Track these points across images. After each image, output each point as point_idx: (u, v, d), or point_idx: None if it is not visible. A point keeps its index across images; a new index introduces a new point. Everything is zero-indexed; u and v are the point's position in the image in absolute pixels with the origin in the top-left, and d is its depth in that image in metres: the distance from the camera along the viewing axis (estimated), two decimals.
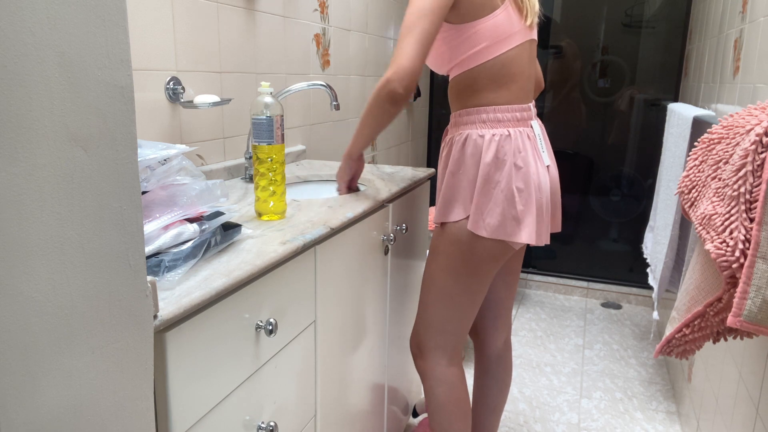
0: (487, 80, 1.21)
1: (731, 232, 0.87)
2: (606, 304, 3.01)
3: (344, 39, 2.16)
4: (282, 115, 1.09)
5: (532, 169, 1.21)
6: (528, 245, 1.29)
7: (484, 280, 1.29)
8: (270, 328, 0.90)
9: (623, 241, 3.18)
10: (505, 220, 1.20)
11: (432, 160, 3.31)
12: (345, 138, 2.27)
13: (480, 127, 1.22)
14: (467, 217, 1.23)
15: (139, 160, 0.71)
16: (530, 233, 1.21)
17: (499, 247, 1.24)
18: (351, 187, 1.41)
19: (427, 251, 1.88)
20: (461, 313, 1.32)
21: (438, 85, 3.24)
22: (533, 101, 1.30)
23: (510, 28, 1.18)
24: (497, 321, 1.51)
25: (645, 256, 2.18)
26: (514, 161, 1.19)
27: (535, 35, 1.27)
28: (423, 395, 1.99)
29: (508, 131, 1.21)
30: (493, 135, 1.20)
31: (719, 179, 0.95)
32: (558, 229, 1.37)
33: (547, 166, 1.28)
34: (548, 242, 1.27)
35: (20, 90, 0.47)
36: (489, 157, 1.19)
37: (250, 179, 1.54)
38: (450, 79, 1.28)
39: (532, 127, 1.25)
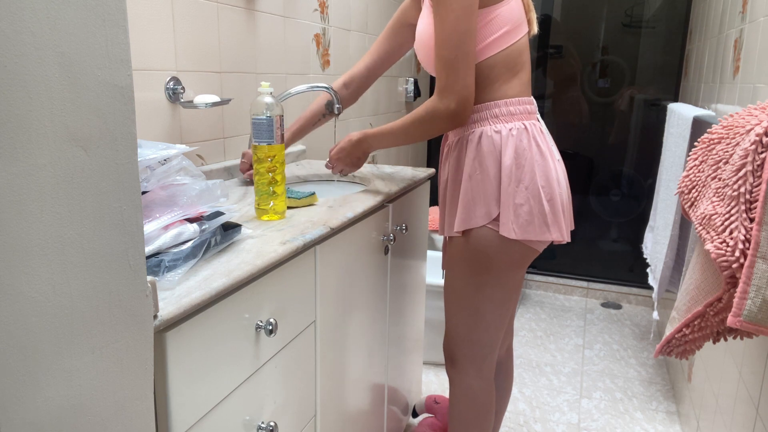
0: (504, 69, 1.17)
1: (731, 232, 0.87)
2: (606, 304, 3.01)
3: (344, 39, 2.16)
4: (282, 115, 1.10)
5: (550, 165, 1.17)
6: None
7: (509, 288, 1.24)
8: (270, 328, 0.90)
9: (623, 241, 3.18)
10: (533, 219, 1.15)
11: (432, 160, 3.31)
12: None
13: (494, 123, 1.17)
14: (491, 222, 1.18)
15: (139, 160, 0.71)
16: (560, 230, 1.18)
17: (524, 252, 1.20)
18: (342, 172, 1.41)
19: (427, 252, 1.88)
20: (486, 323, 1.26)
21: None
22: None
23: (520, 14, 1.17)
24: None
25: (645, 256, 2.19)
26: (535, 156, 1.15)
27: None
28: (423, 395, 1.99)
29: (524, 124, 1.16)
30: (510, 129, 1.15)
31: (719, 179, 0.95)
32: (572, 226, 1.31)
33: (558, 161, 1.24)
34: (569, 239, 1.22)
35: (20, 90, 0.47)
36: (509, 153, 1.15)
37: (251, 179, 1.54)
38: None
39: (539, 121, 1.22)
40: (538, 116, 1.23)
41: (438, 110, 1.14)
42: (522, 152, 1.15)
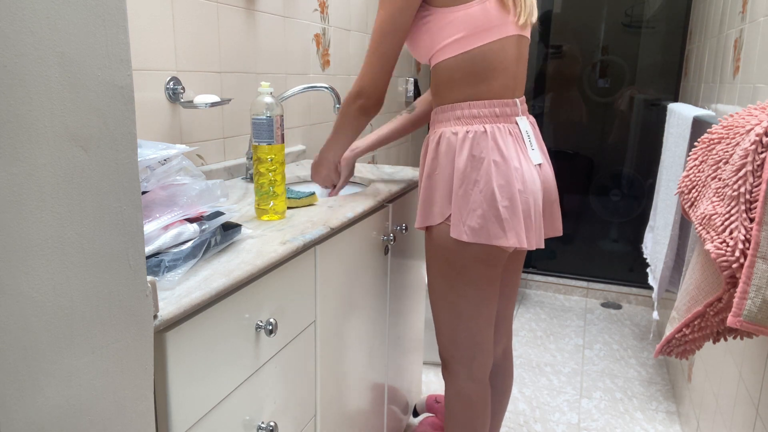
0: (465, 73, 1.16)
1: (731, 232, 0.87)
2: (606, 304, 3.01)
3: (344, 39, 2.16)
4: (282, 115, 1.10)
5: (514, 166, 1.14)
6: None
7: (482, 286, 1.22)
8: (270, 328, 0.90)
9: (623, 241, 3.18)
10: (486, 222, 1.13)
11: None
12: None
13: (454, 125, 1.17)
14: (446, 220, 1.18)
15: (139, 160, 0.71)
16: (518, 235, 1.14)
17: (486, 251, 1.18)
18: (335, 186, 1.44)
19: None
20: (469, 323, 1.25)
21: None
22: (521, 97, 1.24)
23: (488, 21, 1.13)
24: (495, 331, 1.43)
25: (645, 256, 2.18)
26: (493, 158, 1.13)
27: (527, 33, 1.22)
28: (423, 395, 1.99)
29: (484, 127, 1.15)
30: (467, 132, 1.15)
31: (719, 179, 0.95)
32: (558, 233, 1.30)
33: (539, 165, 1.21)
34: (542, 246, 1.20)
35: (20, 90, 0.47)
36: (464, 155, 1.14)
37: (251, 179, 1.54)
38: (431, 69, 1.23)
39: (517, 123, 1.19)
40: (518, 119, 1.20)
41: (347, 99, 1.23)
42: (478, 155, 1.14)
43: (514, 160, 1.15)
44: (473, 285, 1.22)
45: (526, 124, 1.22)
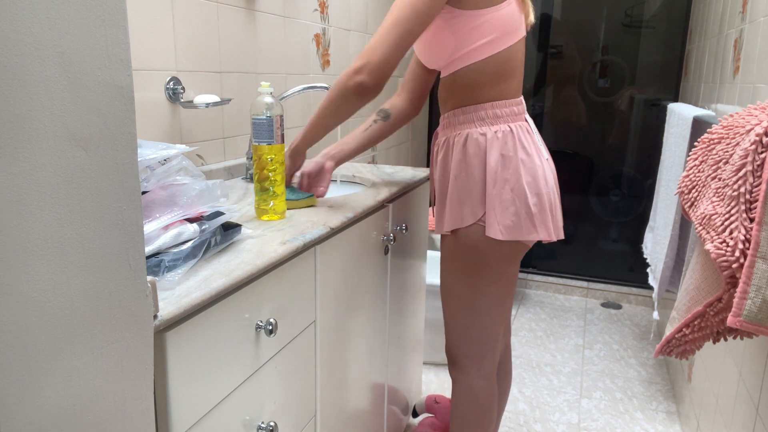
0: (491, 75, 1.17)
1: (731, 232, 0.87)
2: (606, 304, 3.01)
3: (344, 39, 2.16)
4: (282, 115, 1.10)
5: (536, 163, 1.19)
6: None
7: (505, 282, 1.26)
8: (270, 328, 0.90)
9: (623, 241, 3.18)
10: (519, 220, 1.17)
11: None
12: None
13: (479, 125, 1.19)
14: (478, 221, 1.20)
15: (139, 160, 0.71)
16: (547, 229, 1.19)
17: (514, 247, 1.22)
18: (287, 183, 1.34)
19: (427, 252, 1.88)
20: (484, 320, 1.28)
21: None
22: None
23: (513, 22, 1.16)
24: None
25: (645, 256, 2.19)
26: (521, 156, 1.17)
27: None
28: (423, 395, 1.99)
29: (509, 127, 1.18)
30: (495, 132, 1.17)
31: (719, 179, 0.95)
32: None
33: (546, 160, 1.25)
34: (562, 237, 1.23)
35: (20, 90, 0.47)
36: (494, 155, 1.17)
37: (251, 179, 1.54)
38: (444, 75, 1.23)
39: (526, 120, 1.23)
40: (527, 115, 1.24)
41: (345, 75, 1.10)
42: (507, 154, 1.17)
43: (536, 157, 1.19)
44: (497, 283, 1.25)
45: (531, 121, 1.26)
